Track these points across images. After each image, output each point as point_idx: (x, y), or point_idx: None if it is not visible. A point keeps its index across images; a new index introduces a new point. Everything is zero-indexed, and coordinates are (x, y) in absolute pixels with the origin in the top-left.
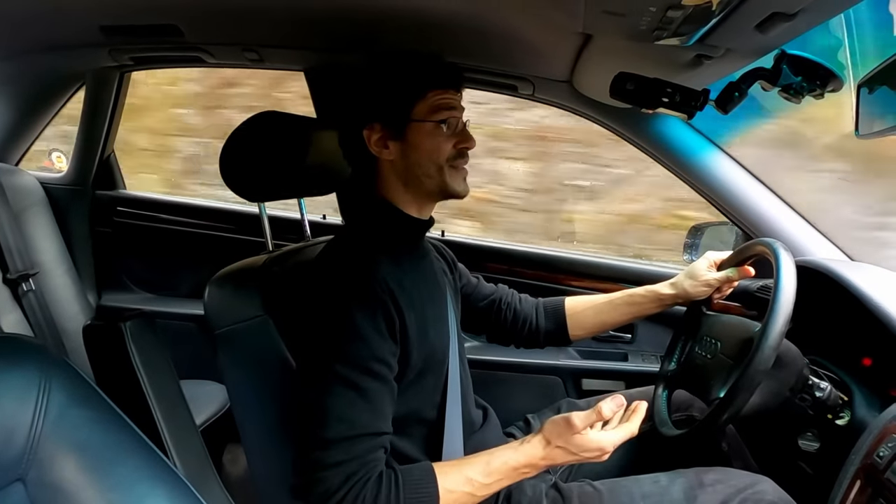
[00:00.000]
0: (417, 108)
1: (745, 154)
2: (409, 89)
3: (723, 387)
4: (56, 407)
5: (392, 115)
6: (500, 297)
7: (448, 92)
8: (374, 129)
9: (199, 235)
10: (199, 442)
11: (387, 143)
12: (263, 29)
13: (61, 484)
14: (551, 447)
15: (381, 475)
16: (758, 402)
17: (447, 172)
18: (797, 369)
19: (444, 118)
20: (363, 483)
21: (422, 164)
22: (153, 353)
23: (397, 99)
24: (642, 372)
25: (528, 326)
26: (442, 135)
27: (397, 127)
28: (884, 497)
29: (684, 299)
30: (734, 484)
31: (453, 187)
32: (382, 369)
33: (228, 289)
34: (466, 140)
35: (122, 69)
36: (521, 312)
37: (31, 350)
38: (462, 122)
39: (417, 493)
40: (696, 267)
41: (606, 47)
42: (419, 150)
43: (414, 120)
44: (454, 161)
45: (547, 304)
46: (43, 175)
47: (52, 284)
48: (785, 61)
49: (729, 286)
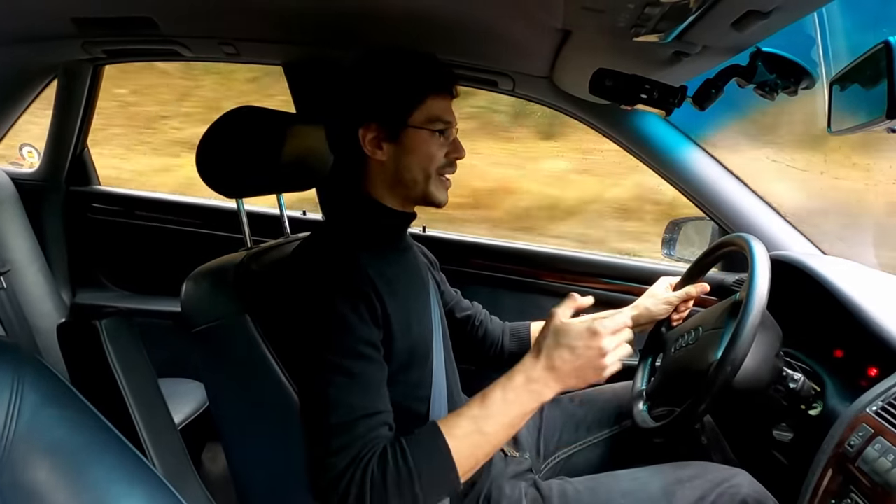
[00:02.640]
0: (416, 113)
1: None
2: (410, 94)
3: (718, 348)
4: (29, 407)
5: (390, 118)
6: (476, 313)
7: (445, 98)
8: (370, 128)
9: (176, 232)
10: (177, 441)
11: (381, 144)
12: (241, 22)
13: (36, 485)
14: (543, 355)
15: (384, 449)
16: (752, 367)
17: (433, 181)
18: (778, 334)
19: (441, 128)
20: (368, 460)
21: (412, 169)
22: (130, 352)
23: (397, 103)
24: (623, 366)
25: (494, 347)
26: (436, 143)
27: (394, 130)
28: (854, 484)
29: (647, 319)
30: (711, 478)
31: (436, 196)
32: (371, 352)
33: (206, 286)
34: (458, 150)
35: (96, 62)
36: (491, 333)
37: (3, 349)
38: (455, 131)
39: (427, 451)
40: (655, 288)
41: (586, 44)
42: (412, 156)
43: (411, 126)
44: (442, 170)
45: (513, 327)
46: (14, 170)
47: (24, 282)
48: (760, 58)
49: (686, 306)
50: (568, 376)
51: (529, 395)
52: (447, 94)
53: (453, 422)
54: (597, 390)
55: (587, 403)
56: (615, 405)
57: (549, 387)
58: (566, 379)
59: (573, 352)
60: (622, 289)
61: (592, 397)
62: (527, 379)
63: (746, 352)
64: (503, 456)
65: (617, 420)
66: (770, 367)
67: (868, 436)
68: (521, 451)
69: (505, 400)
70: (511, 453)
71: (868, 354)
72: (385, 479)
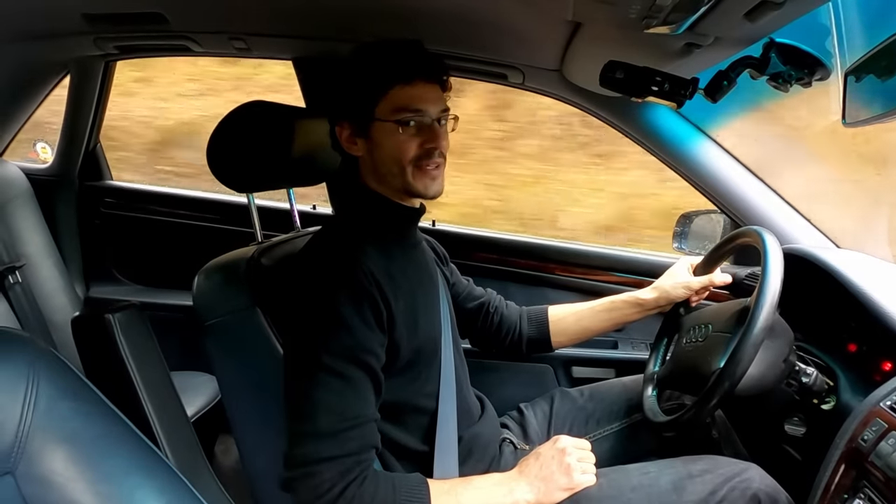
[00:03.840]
0: (380, 106)
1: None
2: (372, 87)
3: (722, 357)
4: (45, 399)
5: (357, 114)
6: (490, 300)
7: (416, 86)
8: (343, 126)
9: (188, 226)
10: (190, 433)
11: (354, 140)
12: (251, 17)
13: (51, 477)
14: (521, 467)
15: (376, 475)
16: (757, 374)
17: (410, 172)
18: (789, 339)
19: (405, 119)
20: (360, 481)
21: (385, 162)
22: (143, 345)
23: (360, 97)
24: (632, 360)
25: (512, 333)
26: (403, 135)
27: (362, 125)
28: (867, 480)
29: (666, 301)
30: (722, 473)
31: (416, 188)
32: (369, 359)
33: (217, 280)
34: (433, 140)
35: (107, 58)
36: (507, 318)
37: (19, 343)
38: (431, 119)
39: (410, 491)
40: (676, 269)
41: (596, 36)
42: (382, 149)
43: (377, 119)
44: (418, 162)
45: (531, 311)
46: (28, 166)
47: (39, 276)
48: (773, 50)
49: (705, 290)
50: (537, 478)
51: (500, 489)
52: (420, 81)
53: (437, 484)
54: (606, 384)
55: (597, 397)
56: (625, 399)
57: (520, 487)
58: (535, 482)
59: (538, 458)
60: (631, 282)
61: (602, 391)
62: (501, 478)
63: (747, 367)
64: (513, 449)
65: (627, 413)
66: (777, 373)
67: (882, 430)
68: (531, 443)
69: (478, 488)
70: (521, 446)
71: (882, 348)
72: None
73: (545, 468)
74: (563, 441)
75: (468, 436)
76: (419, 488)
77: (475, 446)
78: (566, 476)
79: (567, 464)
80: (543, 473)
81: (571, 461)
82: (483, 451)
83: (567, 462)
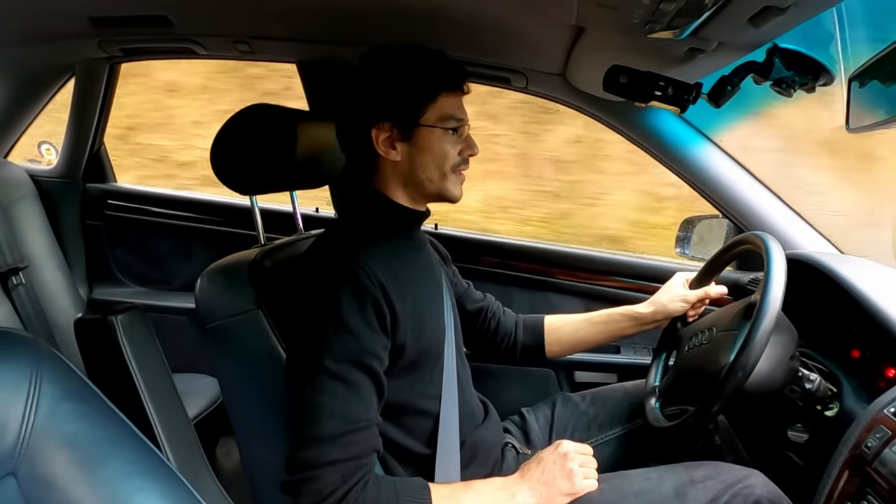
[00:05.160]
0: (428, 112)
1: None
2: (422, 93)
3: (731, 351)
4: (47, 401)
5: (403, 118)
6: (488, 305)
7: (457, 95)
8: (382, 128)
9: (191, 229)
10: (192, 435)
11: (394, 143)
12: (255, 20)
13: (53, 478)
14: (522, 471)
15: (378, 479)
16: (766, 371)
17: (449, 178)
18: (794, 337)
19: (453, 126)
20: (362, 485)
21: (427, 168)
22: (145, 347)
23: (409, 102)
24: (634, 364)
25: (507, 339)
26: (450, 141)
27: (407, 129)
28: (871, 487)
29: (663, 315)
30: (724, 479)
31: (452, 192)
32: (372, 362)
33: (220, 282)
34: (471, 147)
35: (112, 60)
36: (504, 324)
37: (22, 344)
38: (468, 128)
39: (414, 495)
40: (671, 284)
41: (599, 40)
42: (426, 155)
43: (424, 125)
44: (457, 167)
45: (527, 319)
46: (32, 167)
47: (42, 278)
48: (777, 55)
49: (702, 304)
50: (539, 483)
51: (502, 493)
52: (458, 90)
53: (439, 489)
54: (608, 389)
55: (599, 401)
56: (627, 403)
57: (521, 491)
58: (537, 487)
59: (540, 462)
60: (634, 287)
61: (604, 395)
62: (503, 482)
63: (758, 357)
64: (515, 453)
65: (629, 418)
66: (784, 370)
67: (886, 437)
68: (533, 448)
69: (479, 492)
70: (523, 451)
71: (886, 355)
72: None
73: (547, 473)
74: (565, 446)
75: (471, 439)
76: (421, 492)
77: (478, 450)
78: (568, 481)
79: (569, 469)
80: (545, 478)
81: (573, 466)
82: (486, 456)
83: (569, 467)
